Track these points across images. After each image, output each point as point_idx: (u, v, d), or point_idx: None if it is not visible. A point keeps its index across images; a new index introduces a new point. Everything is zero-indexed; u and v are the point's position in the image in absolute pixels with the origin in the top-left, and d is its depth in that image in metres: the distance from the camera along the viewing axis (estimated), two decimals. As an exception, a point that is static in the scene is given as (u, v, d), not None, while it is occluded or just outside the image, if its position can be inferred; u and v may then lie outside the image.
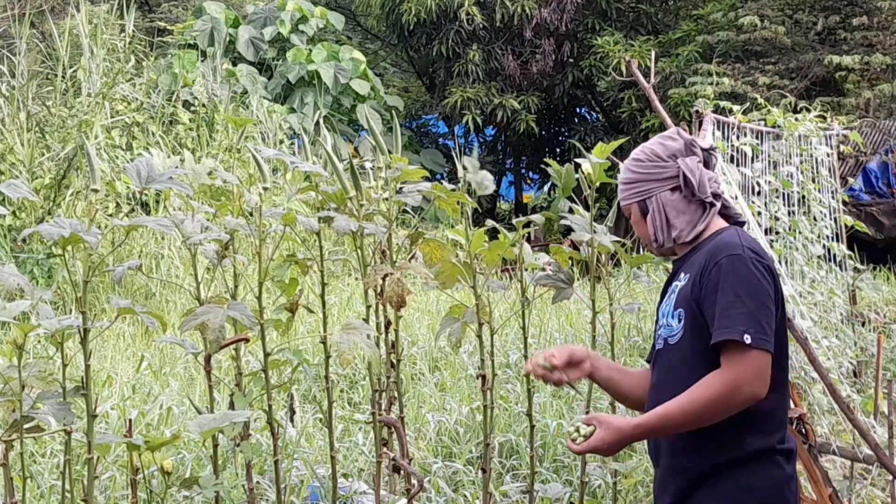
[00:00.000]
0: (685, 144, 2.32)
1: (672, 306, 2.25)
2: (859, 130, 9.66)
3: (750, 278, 2.12)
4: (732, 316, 2.08)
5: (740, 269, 2.13)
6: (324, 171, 3.05)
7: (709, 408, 2.08)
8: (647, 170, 2.32)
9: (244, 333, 2.95)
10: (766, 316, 2.10)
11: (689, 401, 2.09)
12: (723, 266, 2.13)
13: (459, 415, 5.12)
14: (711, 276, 2.14)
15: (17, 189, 2.42)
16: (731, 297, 2.10)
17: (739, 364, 2.06)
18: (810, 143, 5.56)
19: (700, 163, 2.31)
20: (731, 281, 2.11)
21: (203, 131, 11.60)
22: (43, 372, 2.42)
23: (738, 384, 2.06)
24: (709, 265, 2.16)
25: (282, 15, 16.07)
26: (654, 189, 2.31)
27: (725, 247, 2.18)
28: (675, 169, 2.29)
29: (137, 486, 2.76)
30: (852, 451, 3.75)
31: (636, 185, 2.34)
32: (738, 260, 2.13)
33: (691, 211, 2.29)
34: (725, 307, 2.09)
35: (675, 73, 14.62)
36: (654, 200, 2.32)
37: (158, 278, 8.47)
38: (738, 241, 2.19)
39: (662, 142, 2.34)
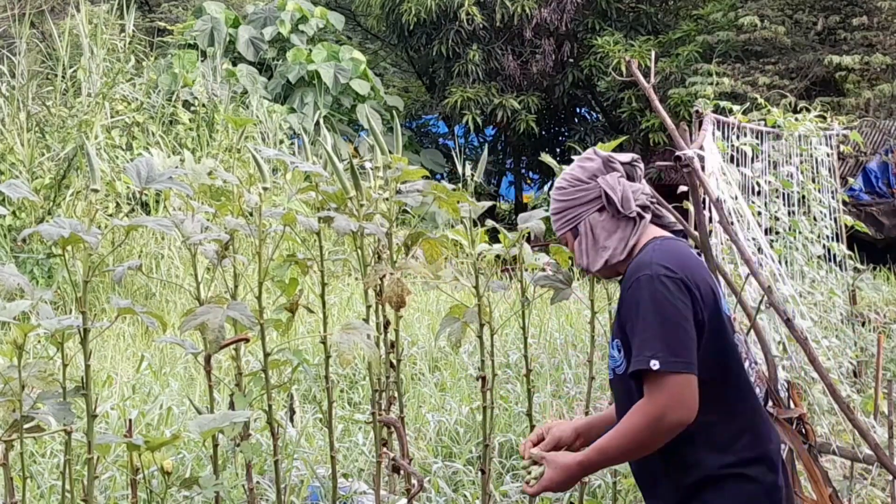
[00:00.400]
0: (603, 162, 2.27)
1: (612, 335, 2.21)
2: (859, 130, 9.66)
3: (655, 299, 2.03)
4: (640, 343, 2.02)
5: (645, 291, 2.05)
6: (324, 171, 3.05)
7: (637, 440, 2.04)
8: (571, 196, 2.28)
9: (244, 333, 2.95)
10: (676, 336, 2.01)
11: (620, 435, 2.07)
12: (632, 292, 2.08)
13: (459, 415, 5.12)
14: (625, 302, 2.11)
15: (17, 189, 2.42)
16: (639, 323, 2.04)
17: (656, 392, 2.00)
18: (810, 143, 5.56)
19: (621, 177, 2.25)
20: (639, 306, 2.05)
21: (203, 131, 11.60)
22: (43, 372, 2.42)
23: (658, 414, 2.00)
24: (623, 290, 2.13)
25: (282, 15, 16.08)
26: (582, 213, 2.27)
27: (636, 269, 2.12)
28: (598, 189, 2.24)
29: (137, 486, 2.76)
30: (852, 451, 3.75)
31: (564, 213, 2.30)
32: (646, 281, 2.06)
33: (621, 228, 2.23)
34: (635, 335, 2.04)
35: (675, 73, 14.62)
36: (581, 224, 2.27)
37: (158, 278, 8.47)
38: (649, 258, 2.12)
39: (581, 164, 2.30)
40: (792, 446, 2.86)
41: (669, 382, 1.99)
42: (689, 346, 2.02)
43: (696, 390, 2.01)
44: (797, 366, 3.93)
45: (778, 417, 2.86)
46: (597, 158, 2.29)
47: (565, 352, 6.52)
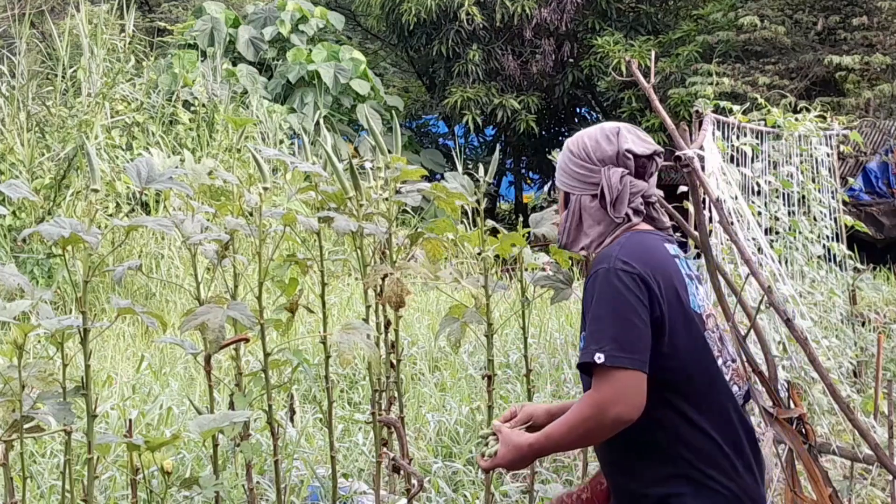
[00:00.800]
0: (617, 152, 2.16)
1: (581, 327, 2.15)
2: (859, 130, 9.66)
3: (609, 292, 2.00)
4: (589, 336, 1.99)
5: (603, 284, 2.01)
6: (324, 171, 3.05)
7: (580, 430, 2.01)
8: (575, 167, 2.20)
9: (244, 333, 2.95)
10: (627, 331, 1.97)
11: (566, 423, 2.04)
12: (590, 284, 2.05)
13: (459, 415, 5.12)
14: (585, 294, 2.07)
15: (17, 189, 2.42)
16: (592, 315, 2.01)
17: (600, 385, 1.97)
18: (810, 143, 5.56)
19: (628, 174, 2.16)
20: (593, 299, 2.02)
21: (203, 131, 11.60)
22: (43, 372, 2.42)
23: (601, 406, 1.96)
24: (585, 282, 2.09)
25: (282, 15, 16.08)
26: (576, 188, 2.20)
27: (598, 261, 2.08)
28: (599, 177, 2.16)
29: (137, 486, 2.76)
30: (852, 451, 3.75)
31: (563, 175, 2.23)
32: (602, 275, 2.02)
33: (605, 223, 2.17)
34: (587, 327, 2.01)
35: (675, 73, 14.63)
36: (573, 199, 2.21)
37: (158, 278, 8.47)
38: (612, 251, 2.08)
39: (599, 139, 2.18)
40: (792, 446, 2.85)
41: (614, 377, 1.96)
42: (639, 343, 1.98)
43: (644, 387, 1.97)
44: (797, 366, 3.93)
45: (778, 417, 2.85)
46: (615, 144, 2.17)
47: (565, 352, 6.52)
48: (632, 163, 2.17)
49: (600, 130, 2.21)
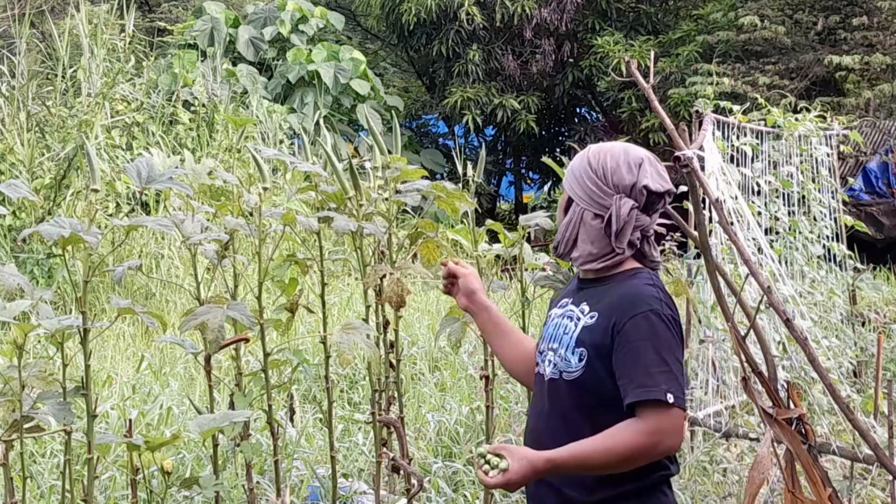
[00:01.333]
0: (634, 184, 2.17)
1: (573, 341, 2.18)
2: (859, 130, 9.66)
3: (669, 338, 2.09)
4: (655, 375, 2.05)
5: (660, 328, 2.09)
6: (323, 171, 3.05)
7: (627, 457, 2.06)
8: (589, 182, 2.20)
9: (244, 333, 2.95)
10: (681, 375, 2.09)
11: (610, 446, 2.06)
12: (641, 324, 2.09)
13: (459, 415, 5.12)
14: (628, 331, 2.09)
15: (17, 189, 2.42)
16: (653, 356, 2.06)
17: (662, 419, 2.05)
18: (810, 143, 5.56)
19: (636, 208, 2.17)
20: (651, 340, 2.07)
21: (203, 131, 11.60)
22: (43, 372, 2.42)
23: (660, 437, 2.05)
24: (624, 317, 2.10)
25: (282, 15, 16.07)
26: (581, 201, 2.21)
27: (643, 299, 2.12)
28: (609, 203, 2.17)
29: (137, 486, 2.76)
30: (852, 451, 3.75)
31: (574, 182, 2.23)
32: (657, 318, 2.09)
33: (600, 245, 2.19)
34: (647, 366, 2.06)
35: (675, 73, 14.62)
36: (576, 210, 2.22)
37: (158, 278, 8.47)
38: (655, 293, 2.14)
39: (620, 165, 2.18)
40: (790, 447, 2.85)
41: (675, 414, 2.06)
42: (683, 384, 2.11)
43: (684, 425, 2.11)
44: (797, 366, 3.93)
45: (777, 418, 2.85)
46: (634, 175, 2.17)
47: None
48: (644, 198, 2.18)
49: (624, 155, 2.21)
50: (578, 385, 2.15)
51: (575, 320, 2.20)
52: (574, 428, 2.14)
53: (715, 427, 4.61)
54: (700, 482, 4.47)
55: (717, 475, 4.52)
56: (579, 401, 2.15)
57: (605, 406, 2.11)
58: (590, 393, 2.13)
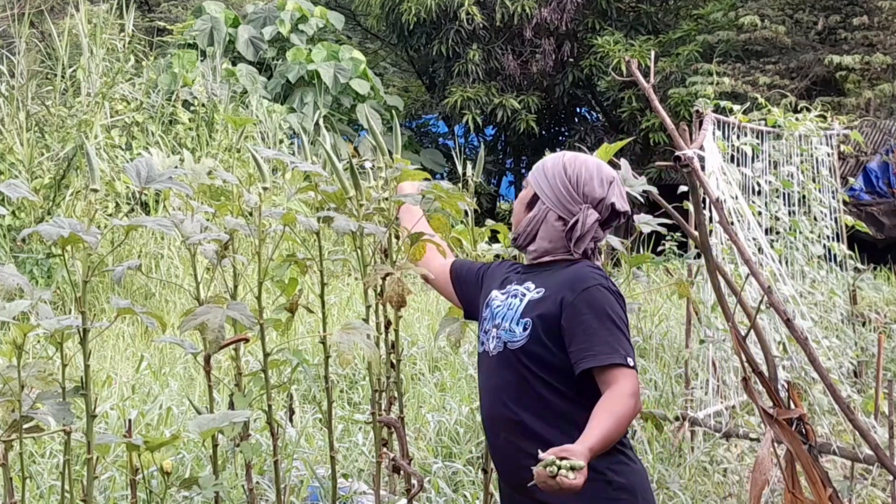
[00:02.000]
0: (602, 199, 2.36)
1: (518, 313, 2.34)
2: (860, 130, 9.65)
3: (618, 309, 2.28)
4: (612, 342, 2.22)
5: (609, 299, 2.28)
6: (324, 171, 3.05)
7: (624, 422, 2.20)
8: (561, 186, 2.37)
9: (244, 333, 2.95)
10: (630, 341, 2.28)
11: (615, 421, 2.17)
12: (594, 296, 2.27)
13: (459, 415, 5.11)
14: (580, 303, 2.26)
15: (16, 189, 2.42)
16: (609, 325, 2.24)
17: (630, 380, 2.21)
18: (811, 142, 5.56)
19: (598, 221, 2.36)
20: (604, 310, 2.25)
21: (203, 131, 11.59)
22: (42, 372, 2.42)
23: (637, 397, 2.21)
24: (574, 291, 2.28)
25: (281, 14, 16.07)
26: (549, 201, 2.38)
27: (591, 276, 2.31)
28: (577, 210, 2.35)
29: (137, 487, 2.76)
30: (853, 451, 3.75)
31: (544, 181, 2.40)
32: (607, 291, 2.28)
33: (556, 245, 2.38)
34: (605, 335, 2.23)
35: (676, 72, 14.62)
36: (542, 208, 2.40)
37: (158, 278, 8.47)
38: (593, 271, 2.33)
39: (593, 178, 2.37)
40: (790, 448, 2.85)
41: (634, 377, 2.24)
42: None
43: None
44: (797, 366, 3.93)
45: (777, 418, 2.85)
46: (604, 191, 2.36)
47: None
48: (607, 214, 2.39)
49: (598, 170, 2.40)
50: (523, 352, 2.30)
51: (520, 297, 2.36)
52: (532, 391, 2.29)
53: (715, 427, 4.60)
54: (700, 482, 4.46)
55: (717, 475, 4.52)
56: (525, 368, 2.30)
57: (550, 372, 2.28)
58: (534, 359, 2.29)
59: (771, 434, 2.89)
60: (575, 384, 2.27)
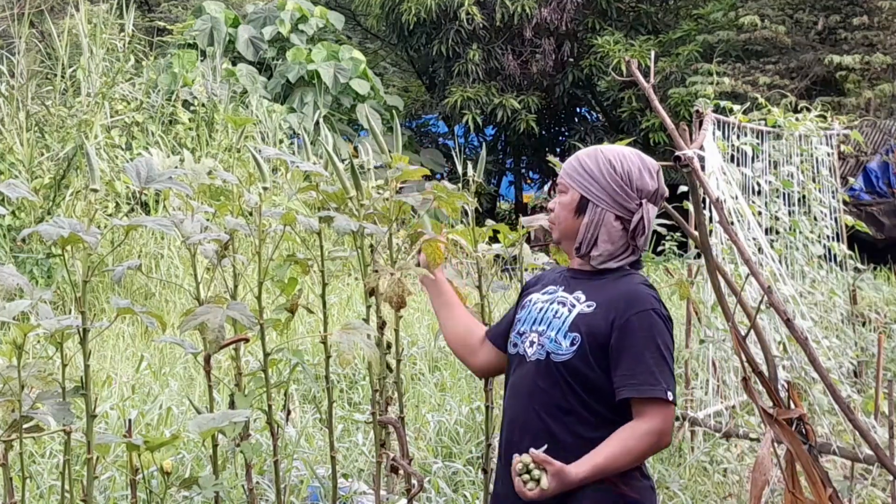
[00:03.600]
0: (656, 191, 2.32)
1: (566, 325, 2.27)
2: (860, 130, 9.65)
3: (667, 338, 2.23)
4: (657, 374, 2.18)
5: (660, 327, 2.22)
6: (324, 171, 3.05)
7: (638, 457, 2.19)
8: (613, 184, 2.29)
9: (244, 333, 2.94)
10: (673, 373, 2.23)
11: (630, 449, 2.17)
12: (644, 321, 2.21)
13: (459, 415, 5.11)
14: (631, 327, 2.20)
15: (16, 189, 2.42)
16: (655, 354, 2.19)
17: (666, 417, 2.18)
18: (811, 142, 5.56)
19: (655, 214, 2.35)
20: (653, 338, 2.20)
21: (203, 131, 11.59)
22: (42, 372, 2.42)
23: (662, 435, 2.18)
24: (627, 313, 2.21)
25: (281, 14, 16.06)
26: (604, 203, 2.30)
27: (644, 298, 2.24)
28: (636, 207, 2.28)
29: (137, 487, 2.76)
30: (853, 451, 3.75)
31: (593, 183, 2.31)
32: (658, 318, 2.23)
33: (618, 246, 2.31)
34: (650, 364, 2.18)
35: (676, 72, 14.62)
36: (596, 211, 2.30)
37: (158, 278, 8.47)
38: (653, 294, 2.27)
39: (642, 171, 2.30)
40: (791, 448, 2.85)
41: (670, 412, 2.20)
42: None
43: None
44: (797, 366, 3.93)
45: (777, 418, 2.85)
46: (655, 183, 2.31)
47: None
48: (660, 203, 2.36)
49: (641, 161, 2.32)
50: (567, 367, 2.24)
51: (569, 307, 2.29)
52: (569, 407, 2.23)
53: (715, 427, 4.60)
54: (700, 482, 4.46)
55: (717, 475, 4.52)
56: (564, 383, 2.24)
57: (590, 391, 2.23)
58: (577, 377, 2.23)
59: (771, 434, 2.89)
60: (613, 407, 2.22)
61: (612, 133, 16.24)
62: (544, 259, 3.28)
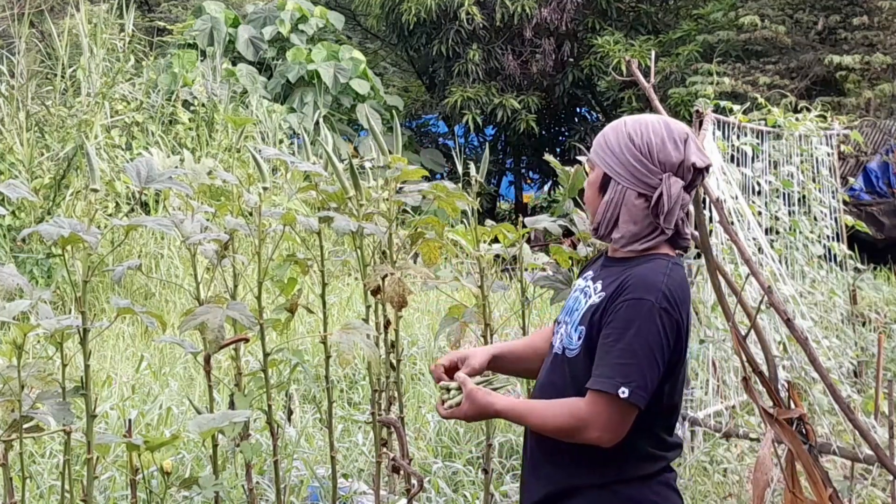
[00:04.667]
0: (682, 162, 2.07)
1: (578, 319, 2.12)
2: (860, 130, 9.65)
3: (649, 331, 1.99)
4: (616, 366, 1.99)
5: (647, 319, 1.99)
6: (324, 171, 3.05)
7: (554, 429, 2.06)
8: (632, 159, 2.08)
9: (244, 333, 2.95)
10: (652, 371, 2.00)
11: (544, 413, 2.07)
12: (629, 309, 2.01)
13: (459, 415, 5.11)
14: (616, 312, 2.02)
15: (16, 189, 2.42)
16: (623, 346, 1.99)
17: (600, 409, 1.99)
18: (811, 142, 5.56)
19: (683, 187, 2.08)
20: (630, 328, 1.99)
21: (203, 131, 11.59)
22: (42, 372, 2.42)
23: (588, 425, 2.00)
24: (619, 297, 2.03)
25: (281, 14, 16.07)
26: (624, 180, 2.10)
27: (642, 285, 2.02)
28: (657, 182, 2.06)
29: (137, 487, 2.76)
30: (853, 451, 3.75)
31: (611, 158, 2.11)
32: (648, 309, 2.00)
33: (642, 225, 2.09)
34: (611, 352, 2.00)
35: (676, 72, 14.62)
36: (617, 189, 2.11)
37: (158, 278, 8.47)
38: (659, 281, 2.03)
39: (665, 141, 2.08)
40: (791, 447, 2.85)
41: (616, 408, 1.99)
42: (654, 383, 2.02)
43: (630, 422, 2.02)
44: (797, 366, 3.93)
45: (778, 418, 2.85)
46: (681, 152, 2.07)
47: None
48: (690, 176, 2.09)
49: (667, 130, 2.10)
50: (575, 362, 2.11)
51: (587, 297, 2.14)
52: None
53: (715, 427, 4.60)
54: (700, 482, 4.46)
55: (717, 475, 4.52)
56: (574, 379, 2.10)
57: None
58: (581, 372, 2.07)
59: (771, 434, 2.89)
60: None
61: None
62: (544, 259, 3.28)
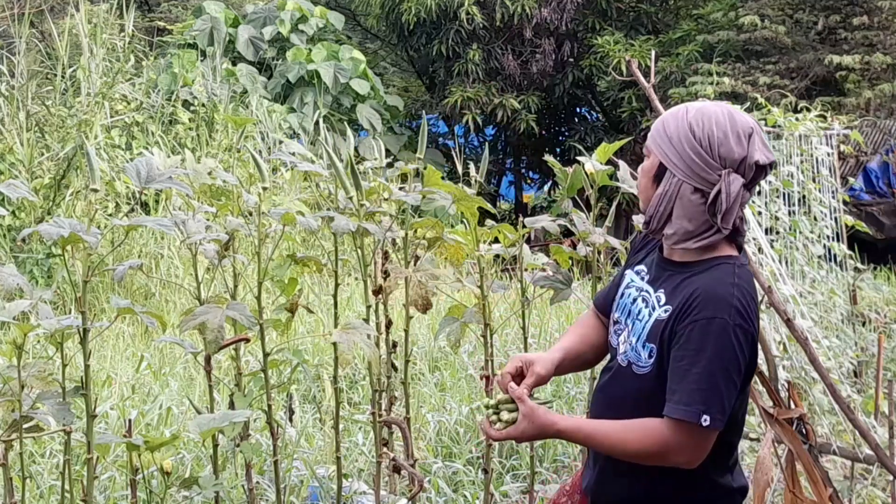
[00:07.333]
0: (744, 159, 1.95)
1: (645, 334, 2.02)
2: (860, 130, 9.65)
3: (728, 352, 1.91)
4: (695, 391, 1.90)
5: (723, 340, 1.90)
6: (324, 171, 3.05)
7: (631, 455, 1.98)
8: (691, 152, 1.96)
9: (244, 333, 2.95)
10: (730, 393, 1.93)
11: (622, 437, 1.98)
12: (702, 330, 1.91)
13: (459, 415, 5.11)
14: (688, 335, 1.93)
15: (16, 189, 2.42)
16: (701, 370, 1.90)
17: (683, 438, 1.92)
18: (811, 142, 5.56)
19: (744, 185, 1.96)
20: (706, 351, 1.90)
21: (203, 131, 11.59)
22: (42, 372, 2.42)
23: (669, 452, 1.94)
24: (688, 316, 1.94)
25: (281, 14, 16.07)
26: (680, 172, 1.98)
27: (712, 302, 1.92)
28: (716, 178, 1.94)
29: (137, 487, 2.76)
30: (853, 451, 3.75)
31: (671, 147, 1.99)
32: (723, 328, 1.90)
33: (698, 223, 1.98)
34: (688, 377, 1.91)
35: (676, 72, 14.62)
36: (672, 182, 1.99)
37: (158, 278, 8.47)
38: (729, 294, 1.94)
39: (729, 135, 1.95)
40: (791, 447, 2.85)
41: (700, 436, 1.93)
42: (732, 403, 1.96)
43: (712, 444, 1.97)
44: (797, 366, 3.93)
45: (778, 418, 2.85)
46: (744, 148, 1.95)
47: (565, 352, 6.51)
48: (752, 173, 1.97)
49: (731, 123, 1.96)
50: (646, 379, 2.02)
51: (650, 308, 2.03)
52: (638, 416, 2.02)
53: (715, 427, 4.59)
54: (700, 482, 4.45)
55: (717, 475, 4.51)
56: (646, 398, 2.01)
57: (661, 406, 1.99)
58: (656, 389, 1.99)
59: (771, 434, 2.89)
60: None
61: (612, 133, 16.23)
62: (544, 259, 3.28)
